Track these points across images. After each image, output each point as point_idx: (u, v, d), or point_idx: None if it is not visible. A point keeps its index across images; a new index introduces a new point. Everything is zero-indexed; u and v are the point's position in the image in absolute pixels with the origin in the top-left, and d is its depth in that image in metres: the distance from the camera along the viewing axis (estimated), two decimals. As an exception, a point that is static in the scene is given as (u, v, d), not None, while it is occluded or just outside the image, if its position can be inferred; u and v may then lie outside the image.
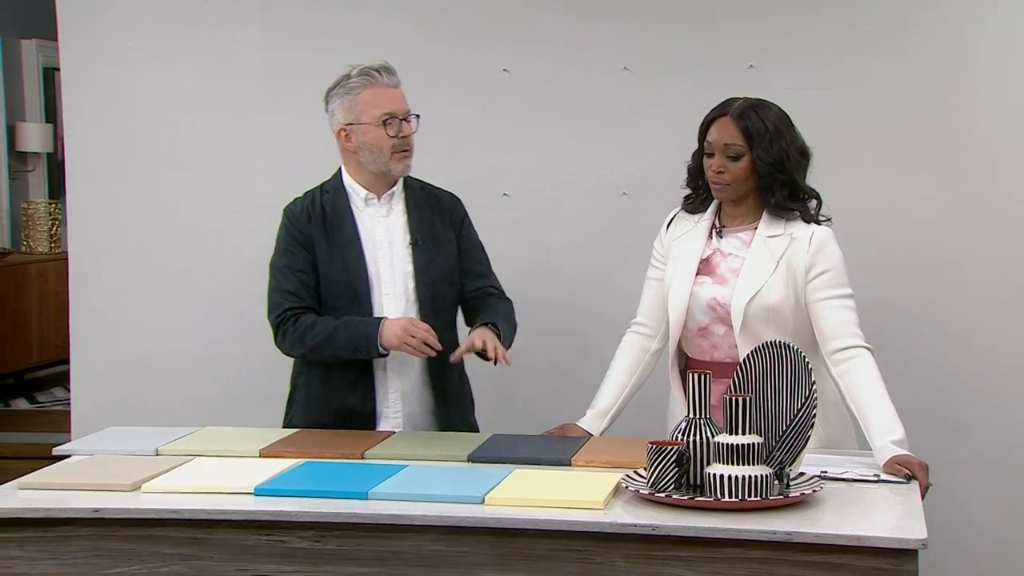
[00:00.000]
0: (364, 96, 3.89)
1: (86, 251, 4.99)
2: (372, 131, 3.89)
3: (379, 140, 3.89)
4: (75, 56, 4.96)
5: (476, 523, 3.06)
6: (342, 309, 3.90)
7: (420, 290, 3.94)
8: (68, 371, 9.40)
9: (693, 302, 3.74)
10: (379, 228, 3.98)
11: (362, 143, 3.91)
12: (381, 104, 3.89)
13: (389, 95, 3.91)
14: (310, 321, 3.88)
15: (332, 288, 3.93)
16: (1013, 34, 4.48)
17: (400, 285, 3.95)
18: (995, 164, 4.49)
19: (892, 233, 4.49)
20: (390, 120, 3.88)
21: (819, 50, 4.57)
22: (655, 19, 4.66)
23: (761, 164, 3.66)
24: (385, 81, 3.91)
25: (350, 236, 3.95)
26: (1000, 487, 4.49)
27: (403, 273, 3.96)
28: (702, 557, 2.98)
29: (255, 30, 4.86)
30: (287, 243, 3.98)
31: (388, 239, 3.97)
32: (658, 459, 3.14)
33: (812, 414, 3.15)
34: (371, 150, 3.91)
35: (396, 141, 3.89)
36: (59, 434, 7.20)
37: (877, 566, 2.91)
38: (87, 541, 3.15)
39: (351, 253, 3.93)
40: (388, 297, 3.93)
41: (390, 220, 4.00)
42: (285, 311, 3.91)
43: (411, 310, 3.93)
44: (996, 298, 4.51)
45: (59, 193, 9.95)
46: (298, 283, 3.92)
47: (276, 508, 3.13)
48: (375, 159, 3.92)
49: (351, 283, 3.91)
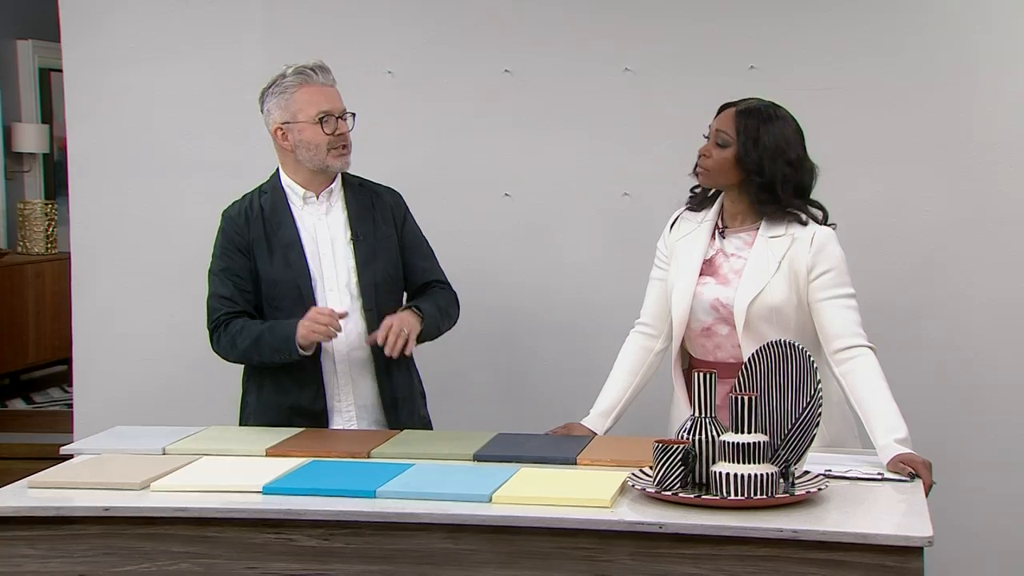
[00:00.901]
0: (299, 95, 3.93)
1: (88, 251, 5.01)
2: (308, 129, 3.92)
3: (316, 138, 3.92)
4: (78, 57, 4.97)
5: (484, 521, 3.07)
6: (286, 309, 3.92)
7: (363, 285, 3.97)
8: (65, 372, 9.52)
9: (696, 302, 3.76)
10: (320, 226, 4.00)
11: (299, 141, 3.94)
12: (317, 103, 3.92)
13: (324, 93, 3.94)
14: (239, 326, 3.90)
15: (276, 289, 3.95)
16: (1012, 34, 4.51)
17: (343, 280, 3.98)
18: (995, 164, 4.53)
19: (892, 233, 4.52)
20: (326, 118, 3.91)
21: (820, 51, 4.60)
22: (656, 20, 4.69)
23: (741, 159, 3.69)
24: (320, 80, 3.95)
25: (290, 235, 3.97)
26: (1000, 485, 4.51)
27: (345, 269, 3.99)
28: (708, 555, 3.00)
29: (258, 32, 4.87)
30: (224, 247, 4.00)
31: (329, 236, 3.99)
32: (664, 458, 3.15)
33: (818, 413, 3.17)
34: (308, 148, 3.93)
35: (332, 138, 3.92)
36: (56, 434, 7.23)
37: (882, 563, 2.92)
38: (97, 539, 3.17)
39: (292, 252, 3.96)
40: (332, 293, 3.95)
41: (330, 218, 4.02)
42: (219, 316, 3.93)
43: (355, 305, 3.96)
44: (996, 298, 4.54)
45: (55, 194, 9.97)
46: (234, 288, 3.95)
47: (285, 506, 3.14)
48: (312, 156, 3.94)
49: (294, 282, 3.93)
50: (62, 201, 9.87)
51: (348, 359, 3.97)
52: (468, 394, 4.39)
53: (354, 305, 3.97)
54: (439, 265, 4.17)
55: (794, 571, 2.96)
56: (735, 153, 3.70)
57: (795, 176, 3.70)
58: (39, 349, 9.44)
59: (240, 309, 3.94)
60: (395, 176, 4.15)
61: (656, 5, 4.68)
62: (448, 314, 4.08)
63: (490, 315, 4.30)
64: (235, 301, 3.94)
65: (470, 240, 4.41)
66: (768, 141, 3.68)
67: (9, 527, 3.18)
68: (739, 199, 3.76)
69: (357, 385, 4.00)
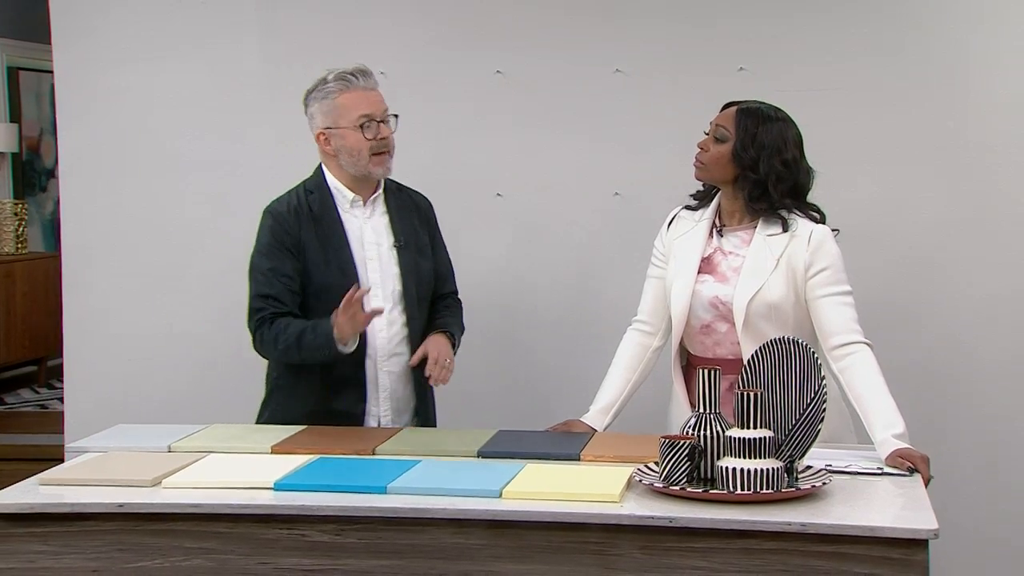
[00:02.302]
0: (341, 100, 3.93)
1: (79, 251, 5.02)
2: (350, 135, 3.92)
3: (357, 143, 3.92)
4: (69, 58, 4.98)
5: (495, 516, 3.12)
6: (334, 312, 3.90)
7: (406, 291, 3.99)
8: (35, 372, 9.48)
9: (695, 300, 3.80)
10: (366, 230, 4.01)
11: (341, 147, 3.94)
12: (358, 107, 3.92)
13: (366, 98, 3.94)
14: (283, 324, 3.87)
15: (327, 294, 3.91)
16: (1008, 34, 4.57)
17: (388, 287, 3.99)
18: (992, 164, 4.58)
19: (889, 233, 4.56)
20: (367, 123, 3.91)
21: (816, 52, 4.65)
22: (647, 22, 4.73)
23: (736, 156, 3.74)
24: (362, 84, 3.95)
25: (340, 240, 3.97)
26: (994, 481, 4.58)
27: (391, 275, 4.00)
28: (716, 548, 3.04)
29: (252, 32, 4.89)
30: (272, 245, 3.96)
31: (375, 241, 4.00)
32: (671, 453, 3.20)
33: (822, 408, 3.23)
34: (350, 153, 3.94)
35: (374, 143, 3.92)
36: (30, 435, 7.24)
37: (888, 556, 2.98)
38: (110, 536, 3.19)
39: (344, 258, 3.96)
40: (376, 299, 3.94)
41: (373, 221, 4.03)
42: (263, 316, 3.91)
43: (396, 311, 3.99)
44: (993, 296, 4.60)
45: (24, 194, 9.92)
46: (282, 288, 3.91)
47: (297, 502, 3.17)
48: (354, 162, 3.95)
49: (345, 287, 3.89)
50: (31, 201, 9.86)
51: (388, 365, 3.99)
52: (464, 392, 4.41)
53: (396, 311, 3.99)
54: (454, 274, 4.22)
55: (801, 564, 3.01)
56: (731, 148, 3.75)
57: (789, 176, 3.75)
58: (9, 350, 9.39)
59: (287, 310, 3.91)
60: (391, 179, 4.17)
61: (649, 7, 4.73)
62: (463, 328, 4.15)
63: (485, 314, 4.33)
64: (281, 301, 3.90)
65: (463, 240, 4.43)
66: (765, 139, 3.73)
67: (22, 524, 3.20)
68: (735, 197, 3.81)
69: (395, 390, 4.01)
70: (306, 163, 4.85)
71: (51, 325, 9.50)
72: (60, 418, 7.19)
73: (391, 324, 3.98)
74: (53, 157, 10.11)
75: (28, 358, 9.55)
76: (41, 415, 8.62)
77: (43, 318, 9.49)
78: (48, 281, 9.55)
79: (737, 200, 3.81)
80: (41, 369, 9.70)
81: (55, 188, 10.03)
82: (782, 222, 3.75)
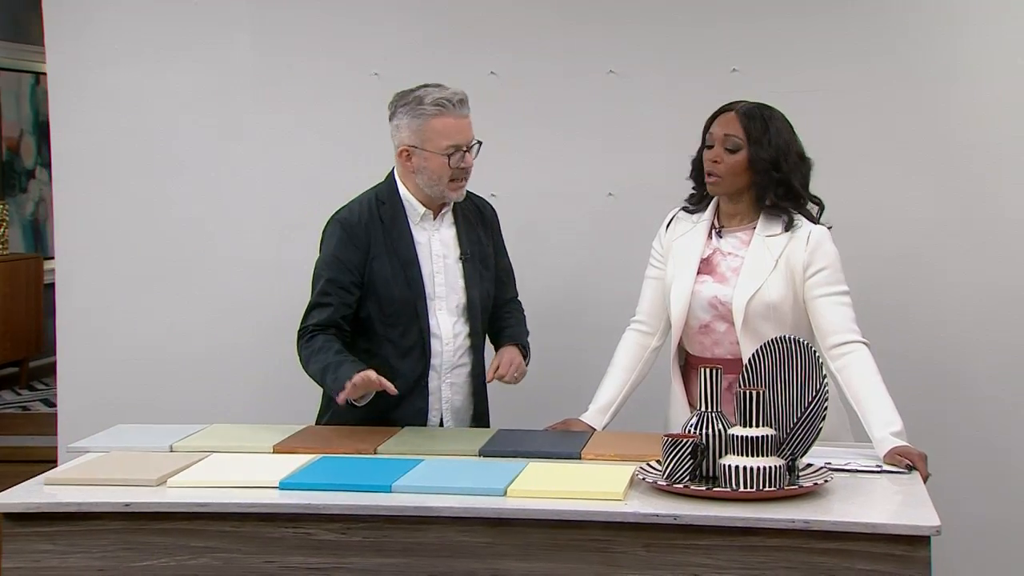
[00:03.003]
0: (434, 124, 3.88)
1: (73, 252, 4.99)
2: (435, 159, 3.89)
3: (440, 169, 3.89)
4: (62, 59, 4.96)
5: (501, 515, 3.14)
6: (401, 326, 3.92)
7: (471, 304, 3.99)
8: (16, 374, 9.45)
9: (695, 300, 3.83)
10: (434, 242, 3.99)
11: (422, 167, 3.91)
12: (450, 135, 3.88)
13: (459, 126, 3.90)
14: (318, 345, 3.84)
15: (394, 306, 3.93)
16: (991, 37, 4.60)
17: (453, 300, 3.99)
18: (980, 164, 4.61)
19: (875, 232, 4.58)
20: (455, 153, 3.89)
21: (802, 54, 4.67)
22: (641, 23, 4.75)
23: (757, 160, 3.76)
24: (456, 112, 3.90)
25: (409, 253, 3.95)
26: (983, 477, 4.61)
27: (456, 288, 4.00)
28: (721, 545, 3.08)
29: (244, 32, 4.88)
30: (339, 254, 3.93)
31: (442, 253, 3.99)
32: (674, 451, 3.22)
33: (824, 407, 3.26)
34: (430, 176, 3.91)
35: (456, 171, 3.91)
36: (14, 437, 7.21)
37: (891, 552, 3.02)
38: (116, 535, 3.20)
39: (412, 271, 3.94)
40: (442, 312, 3.97)
41: (441, 233, 4.01)
42: (309, 325, 3.89)
43: (460, 323, 3.99)
44: (981, 295, 4.63)
45: (4, 195, 9.88)
46: (338, 301, 3.89)
47: (303, 501, 3.20)
48: (432, 185, 3.93)
49: (412, 301, 3.92)
50: (12, 202, 9.83)
51: (451, 376, 4.00)
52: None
53: (459, 323, 3.99)
54: (515, 279, 4.24)
55: (805, 560, 3.05)
56: (747, 156, 3.77)
57: (805, 167, 3.81)
58: (-11, 351, 9.38)
59: (332, 324, 3.88)
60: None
61: (642, 9, 4.74)
62: (527, 331, 4.16)
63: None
64: (331, 314, 3.89)
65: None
66: (776, 139, 3.76)
67: (29, 523, 3.22)
68: (740, 200, 3.83)
69: (454, 403, 4.02)
70: (298, 163, 4.89)
71: (33, 326, 9.53)
72: (45, 420, 7.23)
73: (456, 336, 3.98)
74: (33, 158, 10.09)
75: (9, 360, 9.51)
76: (24, 417, 8.60)
77: (25, 319, 9.49)
78: (29, 282, 9.56)
79: (741, 203, 3.83)
80: (23, 371, 9.67)
81: (36, 189, 10.05)
82: (788, 220, 3.78)
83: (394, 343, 3.94)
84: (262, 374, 4.86)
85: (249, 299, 4.91)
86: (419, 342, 3.94)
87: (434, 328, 3.95)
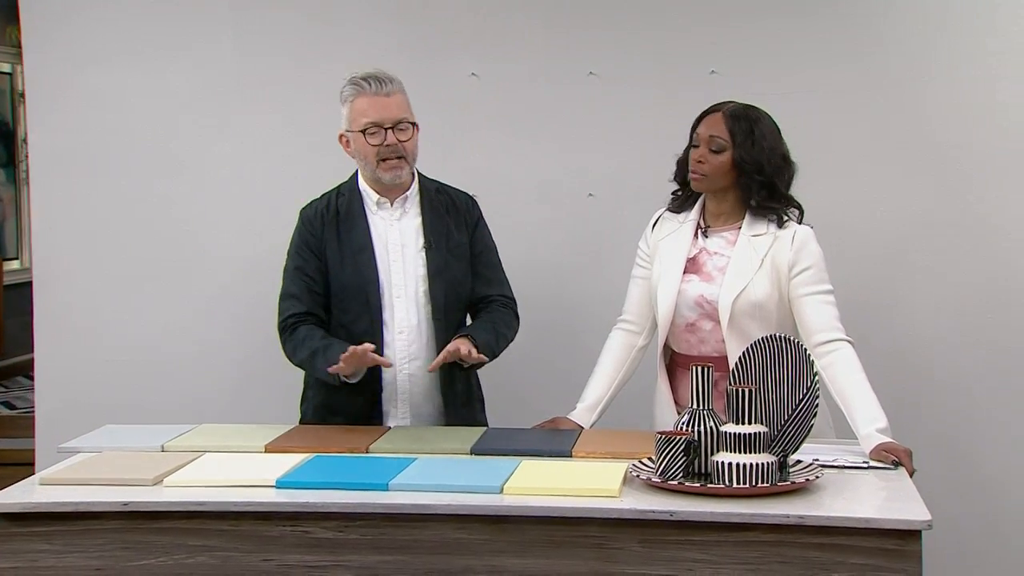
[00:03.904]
0: (355, 104, 3.97)
1: (51, 253, 4.97)
2: (359, 139, 3.96)
3: (365, 149, 3.96)
4: (39, 58, 4.94)
5: (498, 512, 3.17)
6: (353, 313, 3.98)
7: (432, 293, 4.01)
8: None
9: (681, 299, 3.87)
10: (391, 232, 4.03)
11: (355, 151, 4.00)
12: (366, 113, 3.95)
13: (376, 104, 3.95)
14: (302, 336, 3.93)
15: (344, 293, 3.98)
16: (969, 37, 4.65)
17: (411, 288, 4.01)
18: (955, 163, 4.67)
19: (854, 232, 4.63)
20: (373, 130, 3.94)
21: (779, 56, 4.71)
22: (621, 26, 4.77)
23: (741, 162, 3.80)
24: (372, 90, 3.95)
25: (362, 240, 4.00)
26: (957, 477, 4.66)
27: (415, 277, 4.02)
28: (715, 541, 3.11)
29: (226, 33, 4.88)
30: (299, 246, 4.05)
31: (400, 243, 4.02)
32: (667, 448, 3.26)
33: (815, 404, 3.31)
34: (361, 158, 3.99)
35: (380, 149, 3.94)
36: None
37: (883, 547, 3.06)
38: (113, 534, 3.21)
39: (363, 258, 3.99)
40: (399, 300, 3.99)
41: (403, 223, 4.05)
42: (287, 318, 3.98)
43: (422, 313, 4.01)
44: (960, 294, 4.69)
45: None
46: (304, 287, 3.99)
47: (301, 500, 3.21)
48: (365, 167, 4.01)
49: (363, 288, 3.96)
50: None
51: (408, 368, 4.00)
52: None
53: (421, 313, 4.01)
54: (504, 276, 4.20)
55: (798, 555, 3.09)
56: (731, 156, 3.81)
57: (788, 169, 3.85)
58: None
59: (307, 310, 3.97)
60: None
61: (622, 11, 4.77)
62: (504, 336, 4.07)
63: (461, 314, 4.36)
64: (303, 301, 3.97)
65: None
66: (762, 140, 3.80)
67: (25, 523, 3.21)
68: (724, 200, 3.88)
69: (413, 394, 4.02)
70: (278, 164, 4.89)
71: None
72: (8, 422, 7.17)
73: (414, 326, 4.00)
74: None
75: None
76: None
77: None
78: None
79: (726, 203, 3.87)
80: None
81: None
82: (779, 220, 3.82)
83: (346, 328, 3.98)
84: (244, 374, 4.86)
85: (231, 299, 4.90)
86: (370, 329, 3.97)
87: (387, 317, 3.98)
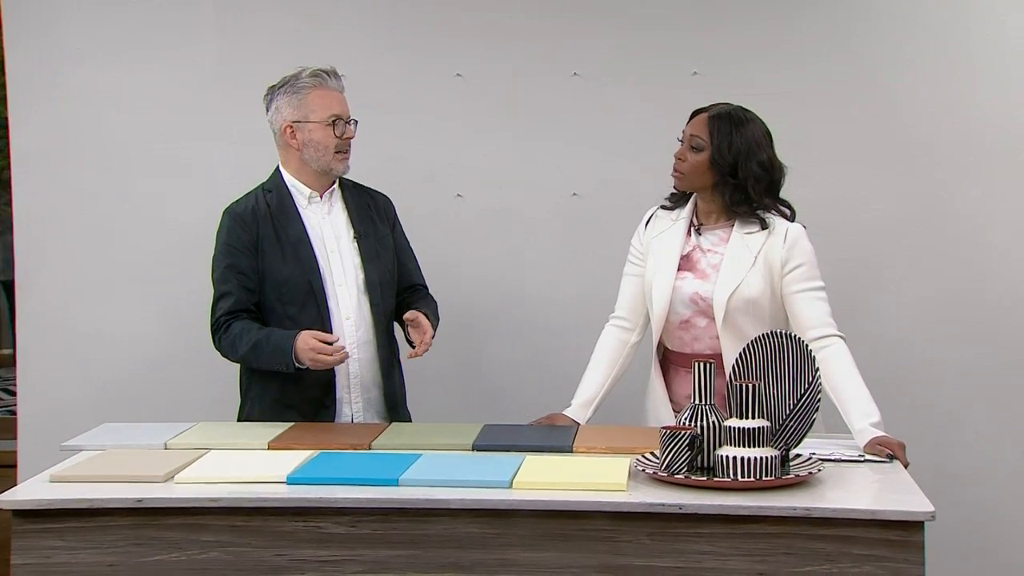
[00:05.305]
0: (314, 96, 4.06)
1: (32, 253, 4.98)
2: (320, 130, 4.05)
3: (325, 140, 4.06)
4: (21, 57, 4.94)
5: (509, 506, 3.20)
6: (297, 303, 4.03)
7: (369, 281, 4.11)
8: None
9: (675, 296, 3.92)
10: (324, 224, 4.12)
11: (308, 141, 4.06)
12: (330, 106, 4.07)
13: (336, 98, 4.09)
14: (239, 329, 3.99)
15: (286, 285, 4.04)
16: (947, 38, 4.75)
17: (351, 277, 4.10)
18: (933, 163, 4.77)
19: (833, 232, 4.67)
20: (337, 121, 4.05)
21: (761, 57, 4.79)
22: (604, 27, 4.84)
23: (716, 163, 3.87)
24: (333, 84, 4.09)
25: (298, 233, 4.08)
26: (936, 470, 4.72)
27: (352, 265, 4.11)
28: (723, 533, 3.16)
29: (209, 33, 4.90)
30: (229, 245, 4.08)
31: (334, 234, 4.12)
32: (672, 443, 3.30)
33: (817, 398, 3.36)
34: (316, 148, 4.07)
35: (339, 141, 4.06)
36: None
37: (886, 538, 3.12)
38: (126, 530, 3.22)
39: (302, 249, 4.06)
40: (341, 288, 4.07)
41: (332, 216, 4.14)
42: (219, 317, 4.03)
43: (363, 300, 4.10)
44: (936, 293, 4.80)
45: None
46: (237, 285, 4.04)
47: (312, 495, 3.23)
48: (318, 157, 4.08)
49: (306, 278, 4.04)
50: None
51: (357, 352, 4.07)
52: (428, 390, 4.48)
53: (362, 300, 4.10)
54: (420, 269, 4.33)
55: (804, 547, 3.14)
56: (709, 157, 3.87)
57: (765, 176, 3.89)
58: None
59: (241, 308, 4.02)
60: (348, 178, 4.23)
61: (606, 12, 4.83)
62: (438, 320, 4.23)
63: (446, 313, 4.36)
64: (237, 299, 4.02)
65: (423, 240, 4.48)
66: (740, 144, 3.86)
67: (38, 520, 3.22)
68: (712, 199, 3.94)
69: (364, 379, 4.11)
70: (261, 164, 4.88)
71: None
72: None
73: (359, 312, 4.09)
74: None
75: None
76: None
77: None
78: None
79: (715, 202, 3.93)
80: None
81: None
82: (760, 222, 3.88)
83: (293, 320, 4.03)
84: (228, 374, 4.85)
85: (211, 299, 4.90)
86: (318, 318, 4.03)
87: (333, 307, 4.05)
